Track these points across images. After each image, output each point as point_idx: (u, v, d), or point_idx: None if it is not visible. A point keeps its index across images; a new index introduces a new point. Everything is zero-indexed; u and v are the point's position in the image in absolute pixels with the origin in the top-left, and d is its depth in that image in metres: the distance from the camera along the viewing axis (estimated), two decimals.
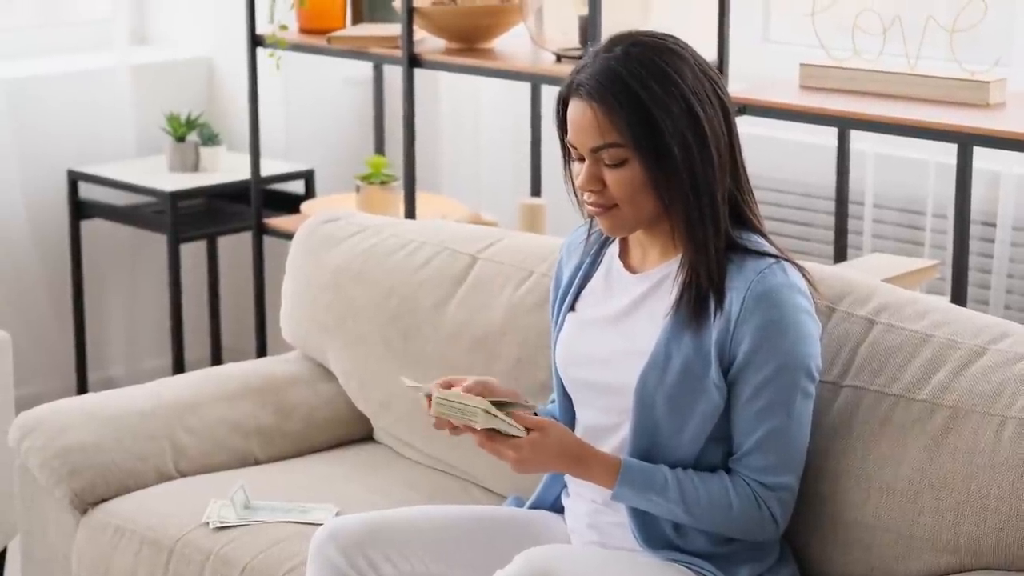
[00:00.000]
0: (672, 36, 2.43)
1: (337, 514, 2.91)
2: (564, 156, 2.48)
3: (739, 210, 2.44)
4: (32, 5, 4.95)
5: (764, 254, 2.41)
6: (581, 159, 2.42)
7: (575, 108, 2.41)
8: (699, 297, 2.40)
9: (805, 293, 2.43)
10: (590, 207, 2.44)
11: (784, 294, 2.38)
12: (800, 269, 2.44)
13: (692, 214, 2.39)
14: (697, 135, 2.37)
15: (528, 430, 2.37)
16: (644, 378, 2.43)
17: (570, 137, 2.43)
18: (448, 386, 2.45)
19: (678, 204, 2.39)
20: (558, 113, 2.46)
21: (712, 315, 2.40)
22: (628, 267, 2.54)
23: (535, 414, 2.46)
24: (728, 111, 2.42)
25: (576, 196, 2.50)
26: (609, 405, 2.49)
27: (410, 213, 4.16)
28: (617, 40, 2.42)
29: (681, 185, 2.38)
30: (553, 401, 2.66)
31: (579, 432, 2.54)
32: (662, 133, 2.35)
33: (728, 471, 2.44)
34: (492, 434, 2.37)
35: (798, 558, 2.56)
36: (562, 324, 2.59)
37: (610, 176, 2.40)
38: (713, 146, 2.38)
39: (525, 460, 2.37)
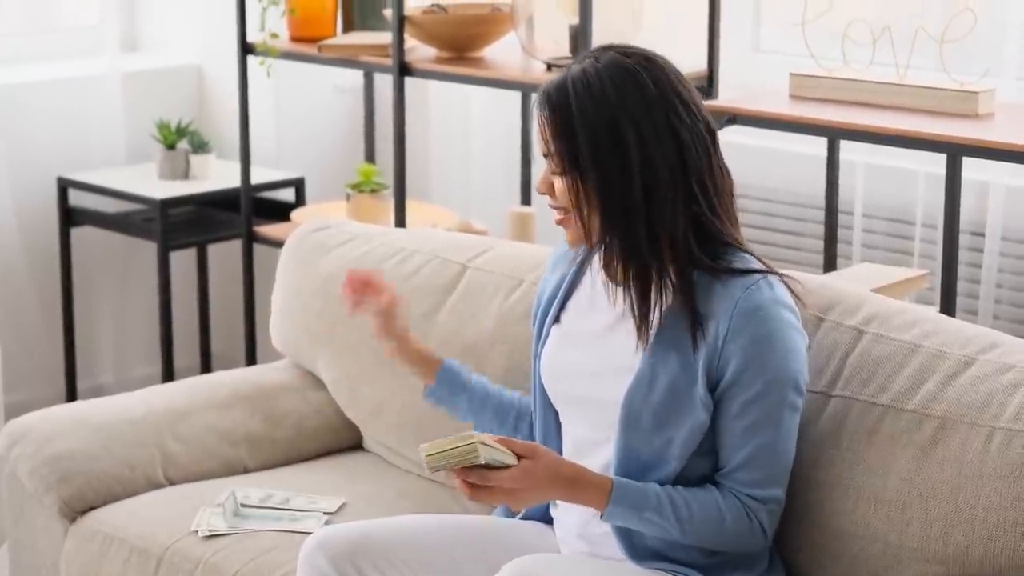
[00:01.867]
0: (648, 57, 2.41)
1: (327, 523, 2.91)
2: None
3: (713, 232, 2.41)
4: (21, 12, 4.95)
5: (749, 271, 2.41)
6: None
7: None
8: (640, 318, 2.40)
9: (792, 307, 2.42)
10: (554, 213, 2.47)
11: (772, 310, 2.38)
12: (785, 282, 2.44)
13: (636, 231, 2.38)
14: (617, 160, 2.35)
15: (519, 458, 2.36)
16: (630, 396, 2.42)
17: None
18: (364, 283, 2.62)
19: (614, 224, 2.39)
20: None
21: (698, 329, 2.39)
22: (612, 280, 2.53)
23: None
24: (680, 139, 2.37)
25: None
26: (596, 419, 2.49)
27: (400, 221, 4.16)
28: (593, 52, 2.44)
29: (612, 207, 2.38)
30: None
31: (567, 445, 2.54)
32: (580, 150, 2.37)
33: (715, 484, 2.44)
34: (482, 472, 2.32)
35: (787, 567, 2.56)
36: (546, 336, 2.58)
37: (558, 183, 2.43)
38: (638, 173, 2.35)
39: (520, 491, 2.34)
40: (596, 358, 2.49)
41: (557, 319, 2.58)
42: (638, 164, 2.36)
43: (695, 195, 2.39)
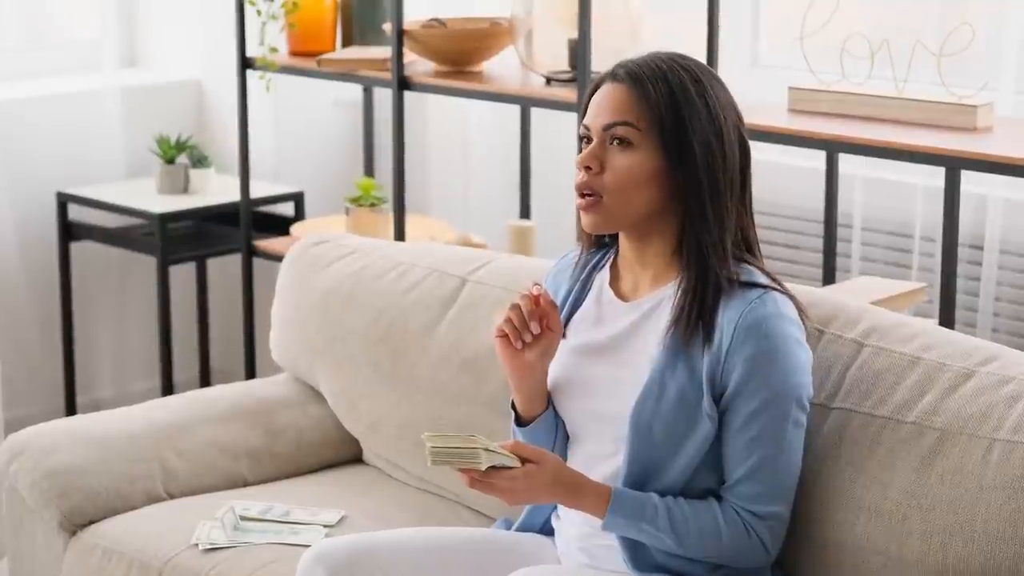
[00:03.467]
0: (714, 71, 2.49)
1: (327, 536, 2.91)
2: (579, 151, 2.49)
3: (742, 238, 2.46)
4: (20, 27, 4.95)
5: (754, 284, 2.42)
6: (588, 143, 2.44)
7: (604, 90, 2.44)
8: (696, 316, 2.40)
9: (796, 322, 2.43)
10: (578, 190, 2.44)
11: (774, 324, 2.39)
12: (791, 299, 2.45)
13: (707, 213, 2.40)
14: (720, 146, 2.40)
15: (523, 461, 2.37)
16: (639, 408, 2.43)
17: (587, 119, 2.45)
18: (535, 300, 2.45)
19: (690, 202, 2.41)
20: (585, 102, 2.48)
21: (704, 340, 2.40)
22: (619, 295, 2.53)
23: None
24: (746, 148, 2.46)
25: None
26: (604, 433, 2.49)
27: (399, 235, 4.16)
28: (665, 52, 2.47)
29: (698, 188, 2.39)
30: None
31: (577, 459, 2.53)
32: (687, 132, 2.38)
33: (719, 498, 2.44)
34: (489, 470, 2.35)
35: None
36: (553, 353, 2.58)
37: (613, 158, 2.41)
38: (730, 165, 2.41)
39: (518, 491, 2.36)
40: (604, 373, 2.49)
41: (563, 335, 2.57)
42: (729, 153, 2.40)
43: (745, 198, 2.45)
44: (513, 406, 2.56)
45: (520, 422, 2.55)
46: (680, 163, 2.39)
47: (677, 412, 2.40)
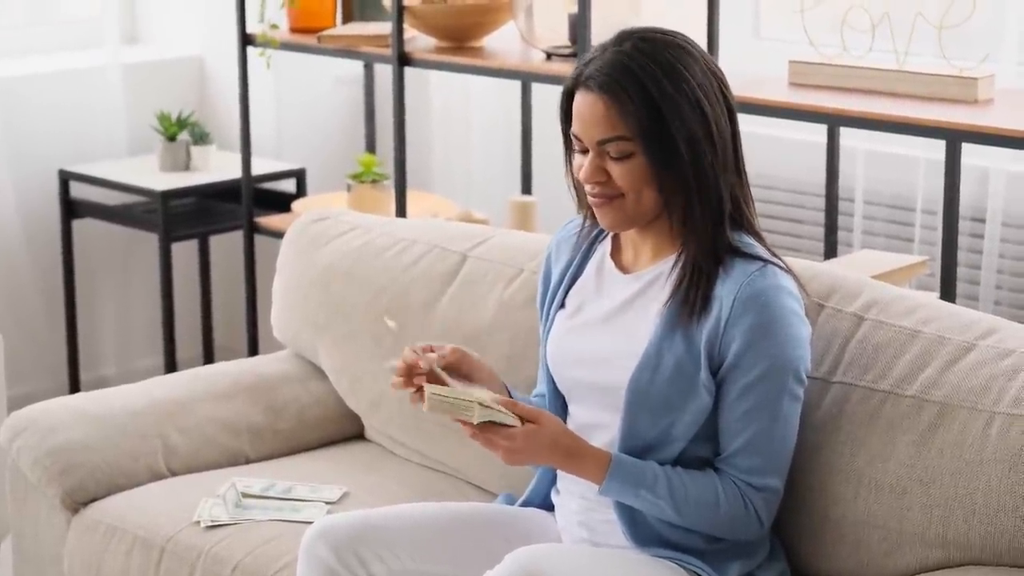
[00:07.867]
0: (681, 34, 2.44)
1: (328, 512, 2.92)
2: (566, 148, 2.48)
3: (738, 209, 2.45)
4: (22, 4, 4.95)
5: (754, 257, 2.42)
6: (584, 151, 2.43)
7: (583, 100, 2.41)
8: (694, 292, 2.40)
9: (795, 295, 2.43)
10: (593, 199, 2.44)
11: (773, 296, 2.39)
12: (790, 273, 2.44)
13: (695, 209, 2.39)
14: (704, 131, 2.38)
15: (523, 420, 2.38)
16: (636, 379, 2.43)
17: (575, 129, 2.43)
18: (428, 350, 2.45)
19: (680, 199, 2.40)
20: (562, 104, 2.46)
21: (701, 313, 2.40)
22: (620, 267, 2.54)
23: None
24: (732, 110, 2.43)
25: (576, 189, 2.50)
26: (601, 403, 2.50)
27: (401, 211, 4.16)
28: (626, 35, 2.42)
29: (686, 180, 2.38)
30: (542, 395, 2.65)
31: (571, 427, 2.55)
32: (669, 128, 2.36)
33: (717, 470, 2.44)
34: (486, 425, 2.36)
35: (788, 554, 2.56)
36: (552, 321, 2.59)
37: (615, 169, 2.40)
38: (718, 143, 2.39)
39: (517, 450, 2.37)
40: (602, 344, 2.49)
41: (562, 305, 2.58)
42: (716, 131, 2.38)
43: (738, 164, 2.44)
44: None
45: None
46: (670, 163, 2.38)
47: (674, 384, 2.41)
